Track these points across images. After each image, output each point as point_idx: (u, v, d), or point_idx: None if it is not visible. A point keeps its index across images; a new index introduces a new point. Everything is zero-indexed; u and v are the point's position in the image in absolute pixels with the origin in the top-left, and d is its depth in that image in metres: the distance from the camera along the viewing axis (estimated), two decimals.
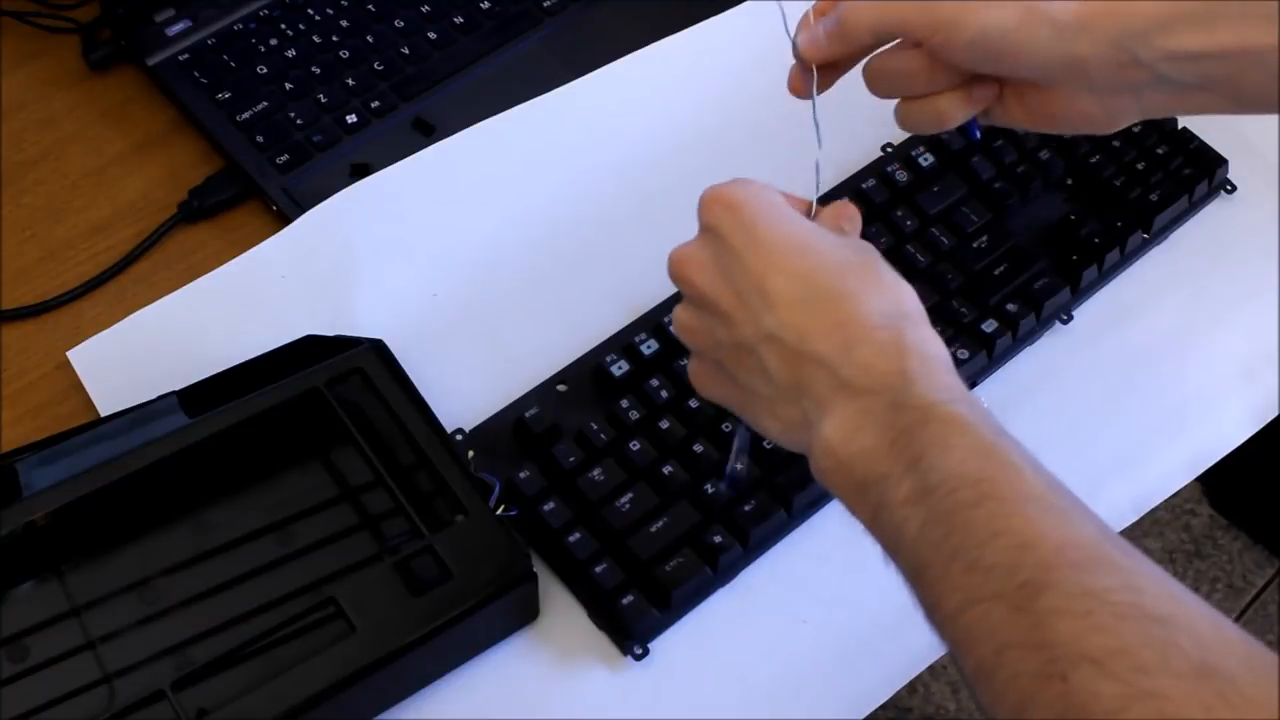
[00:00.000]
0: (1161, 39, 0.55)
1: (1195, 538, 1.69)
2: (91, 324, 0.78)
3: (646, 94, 0.88)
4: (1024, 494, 0.48)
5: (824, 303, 0.54)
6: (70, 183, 0.85)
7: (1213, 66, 0.55)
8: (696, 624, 0.69)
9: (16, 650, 0.63)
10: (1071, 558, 0.46)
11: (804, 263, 0.55)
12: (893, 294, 0.55)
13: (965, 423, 0.50)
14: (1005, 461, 0.49)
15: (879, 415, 0.52)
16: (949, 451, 0.49)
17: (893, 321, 0.53)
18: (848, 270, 0.55)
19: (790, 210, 0.58)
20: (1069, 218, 0.82)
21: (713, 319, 0.58)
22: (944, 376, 0.52)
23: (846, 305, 0.54)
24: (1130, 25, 0.55)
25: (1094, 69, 0.56)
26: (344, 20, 0.91)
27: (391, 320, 0.77)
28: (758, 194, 0.57)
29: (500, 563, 0.65)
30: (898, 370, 0.52)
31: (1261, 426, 0.79)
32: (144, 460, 0.66)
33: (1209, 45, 0.55)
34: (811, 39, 0.61)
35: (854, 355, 0.53)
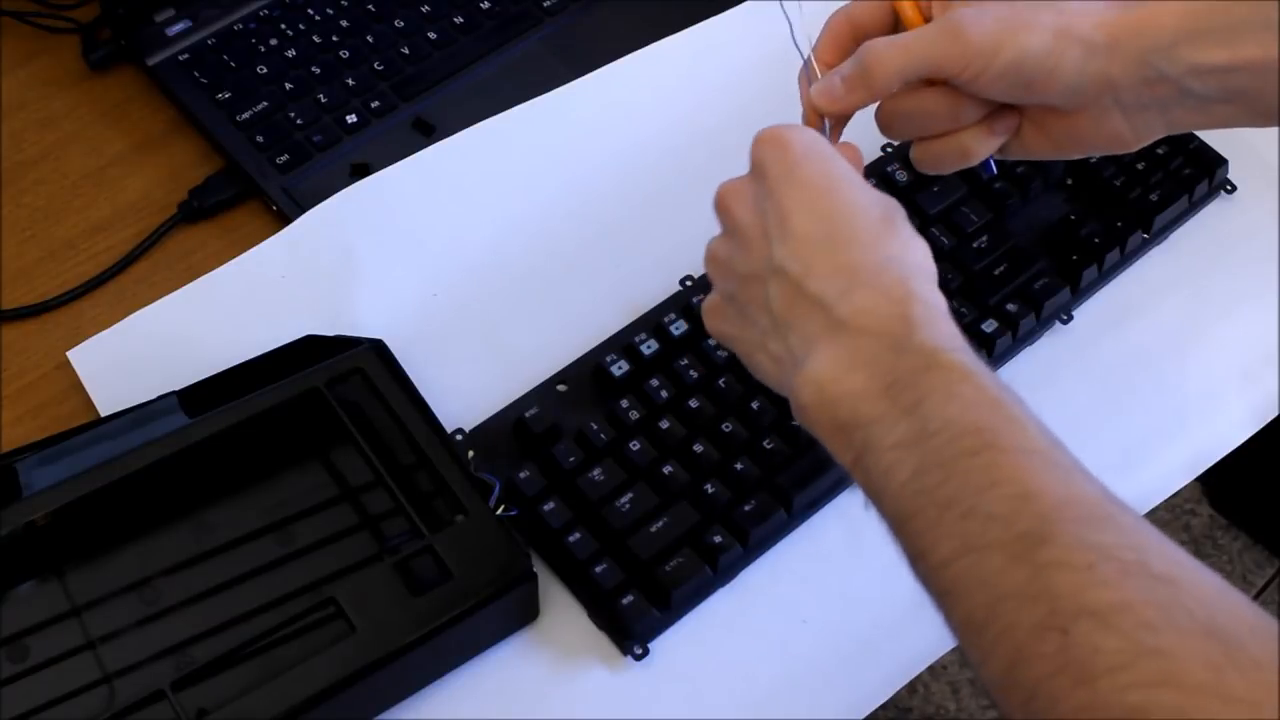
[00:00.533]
0: (1187, 53, 0.55)
1: (1195, 538, 1.69)
2: (91, 324, 0.78)
3: (646, 94, 0.88)
4: (1027, 447, 0.47)
5: (837, 243, 0.54)
6: (70, 183, 0.85)
7: (1238, 79, 0.56)
8: (696, 624, 0.69)
9: (16, 650, 0.63)
10: (1075, 513, 0.45)
11: (828, 203, 0.55)
12: (908, 247, 0.55)
13: (969, 371, 0.50)
14: (1009, 414, 0.48)
15: (875, 357, 0.51)
16: (951, 399, 0.49)
17: (901, 270, 0.53)
18: (869, 217, 0.55)
19: (837, 157, 0.57)
20: (1069, 218, 0.82)
21: (737, 248, 0.58)
22: (947, 325, 0.52)
23: (858, 249, 0.54)
24: (1157, 41, 0.56)
25: (1123, 87, 0.57)
26: (344, 20, 0.91)
27: (391, 320, 0.77)
28: (808, 138, 0.57)
29: (500, 563, 0.65)
30: (901, 315, 0.52)
31: (1261, 426, 0.79)
32: (144, 460, 0.66)
33: (1234, 59, 0.55)
34: (829, 91, 0.61)
35: (854, 296, 0.53)
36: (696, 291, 0.77)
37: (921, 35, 0.59)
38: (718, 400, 0.72)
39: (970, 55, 0.57)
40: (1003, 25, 0.57)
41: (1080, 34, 0.56)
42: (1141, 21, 0.56)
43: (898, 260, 0.54)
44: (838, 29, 0.63)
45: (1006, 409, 0.49)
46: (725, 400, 0.72)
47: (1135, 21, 0.56)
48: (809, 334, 0.54)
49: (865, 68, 0.59)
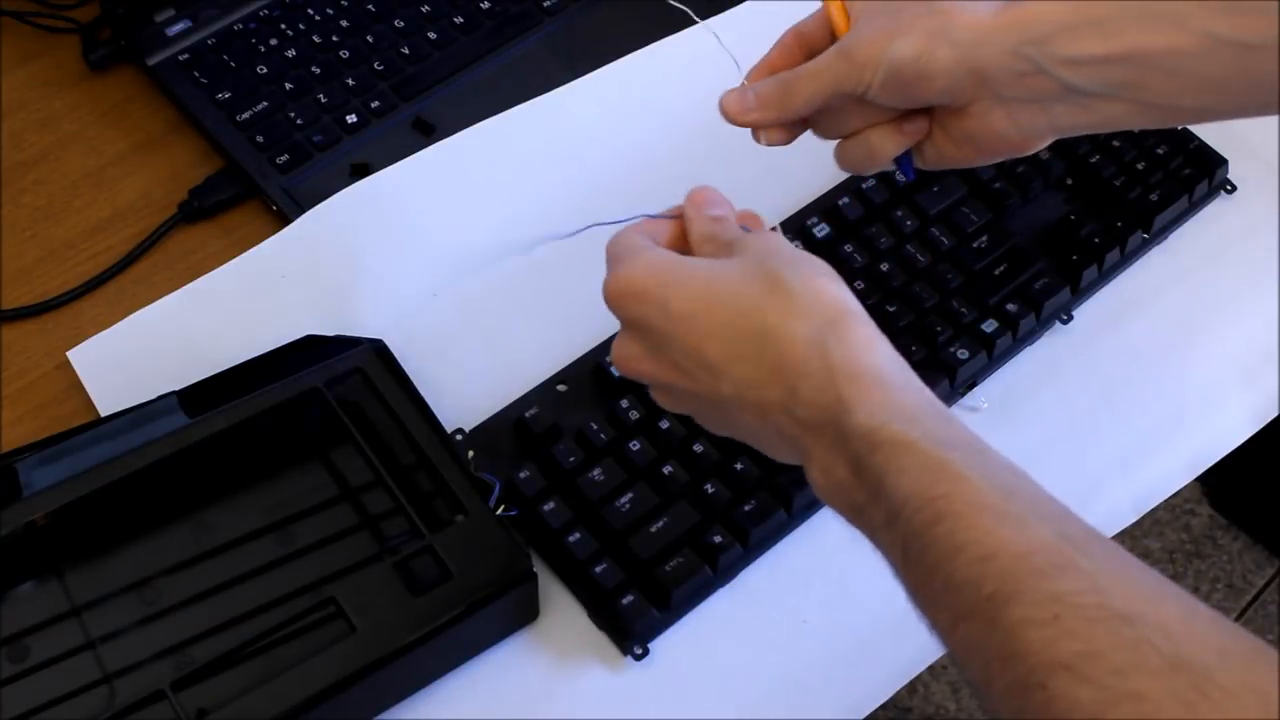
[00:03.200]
0: (1062, 45, 0.56)
1: (1195, 538, 1.69)
2: (91, 324, 0.78)
3: (646, 94, 0.88)
4: (978, 504, 0.48)
5: (757, 352, 0.54)
6: (70, 183, 0.85)
7: (1117, 72, 0.56)
8: (696, 624, 0.69)
9: (16, 650, 0.63)
10: (1033, 564, 0.46)
11: (721, 317, 0.54)
12: (808, 305, 0.54)
13: (908, 441, 0.50)
14: (955, 474, 0.49)
15: (838, 447, 0.52)
16: (901, 474, 0.49)
17: (818, 342, 0.52)
18: (760, 303, 0.54)
19: (685, 264, 0.57)
20: (1069, 218, 0.82)
21: (683, 394, 0.58)
22: (880, 394, 0.52)
23: (774, 345, 0.53)
24: (1029, 33, 0.56)
25: (997, 79, 0.58)
26: (344, 20, 0.91)
27: (391, 320, 0.77)
28: (651, 268, 0.57)
29: (500, 563, 0.65)
30: (834, 400, 0.52)
31: (1261, 426, 0.79)
32: (144, 460, 0.66)
33: (1109, 49, 0.55)
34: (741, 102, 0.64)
35: (799, 395, 0.53)
36: None
37: (823, 63, 0.61)
38: None
39: (859, 71, 0.59)
40: (880, 33, 0.59)
41: (949, 33, 0.57)
42: (1017, 18, 0.57)
43: (809, 332, 0.53)
44: (787, 42, 0.65)
45: (951, 469, 0.49)
46: None
47: (1011, 17, 0.57)
48: (794, 438, 0.54)
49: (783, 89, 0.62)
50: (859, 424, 0.51)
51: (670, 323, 0.55)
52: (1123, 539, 1.67)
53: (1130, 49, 0.55)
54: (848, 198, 0.81)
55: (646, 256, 0.57)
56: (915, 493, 0.49)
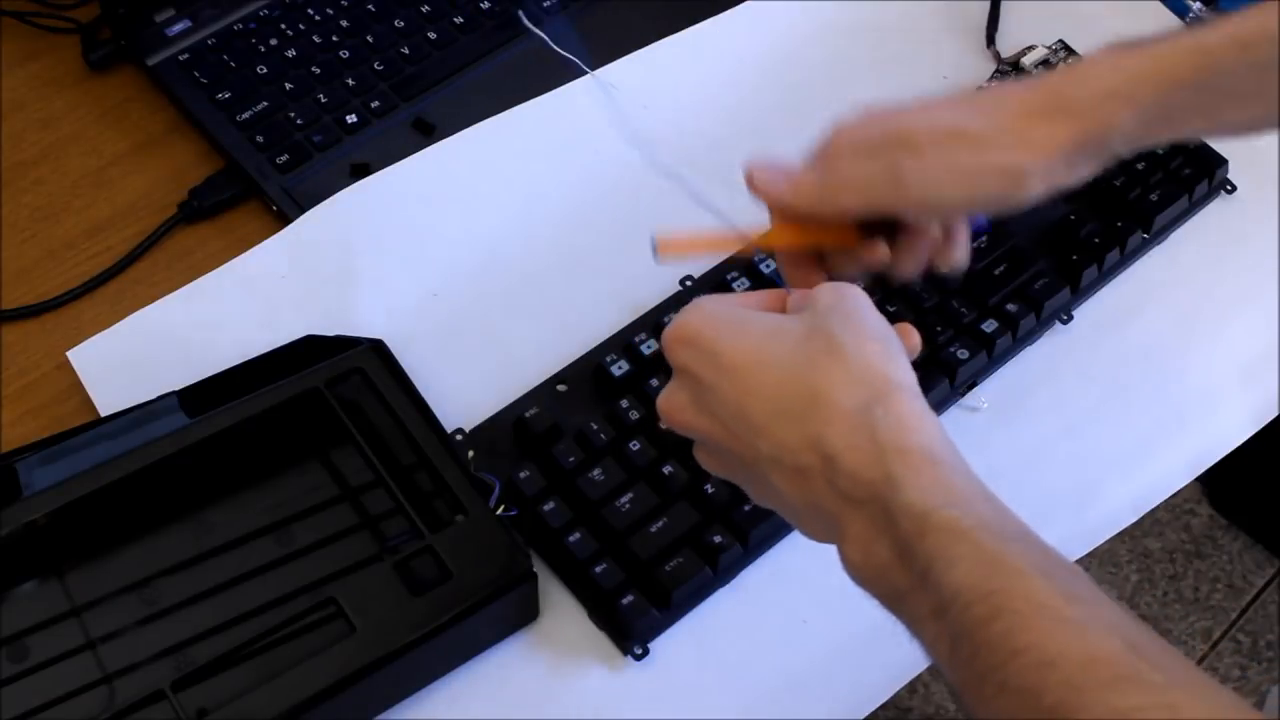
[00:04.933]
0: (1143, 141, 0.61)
1: (1195, 538, 1.69)
2: (91, 324, 0.78)
3: (646, 93, 0.88)
4: (1037, 603, 0.45)
5: (800, 414, 0.51)
6: (70, 183, 0.85)
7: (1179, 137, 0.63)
8: (696, 624, 0.69)
9: (16, 650, 0.63)
10: (1098, 676, 0.43)
11: (770, 376, 0.52)
12: (860, 372, 0.51)
13: (963, 529, 0.47)
14: (1013, 569, 0.46)
15: (881, 526, 0.49)
16: (953, 565, 0.46)
17: (866, 412, 0.50)
18: (810, 365, 0.52)
19: (746, 316, 0.55)
20: (1069, 218, 0.82)
21: (720, 451, 0.56)
22: (930, 472, 0.49)
23: (819, 411, 0.51)
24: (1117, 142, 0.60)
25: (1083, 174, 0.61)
26: (344, 20, 0.91)
27: (391, 320, 0.77)
28: (710, 318, 0.55)
29: (500, 563, 0.65)
30: (881, 476, 0.49)
31: (1261, 426, 0.79)
32: (144, 460, 0.66)
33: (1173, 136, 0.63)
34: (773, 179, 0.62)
35: (841, 465, 0.50)
36: (697, 291, 0.77)
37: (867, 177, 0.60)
38: None
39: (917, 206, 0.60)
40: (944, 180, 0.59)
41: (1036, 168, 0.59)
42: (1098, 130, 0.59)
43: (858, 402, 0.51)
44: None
45: (1009, 562, 0.46)
46: None
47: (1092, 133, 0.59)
48: (829, 511, 0.51)
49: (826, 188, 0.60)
50: (909, 504, 0.48)
51: (718, 373, 0.53)
52: (1123, 539, 1.67)
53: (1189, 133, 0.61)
54: None
55: (709, 306, 0.56)
56: (969, 586, 0.46)
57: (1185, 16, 0.94)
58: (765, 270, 0.77)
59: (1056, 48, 0.90)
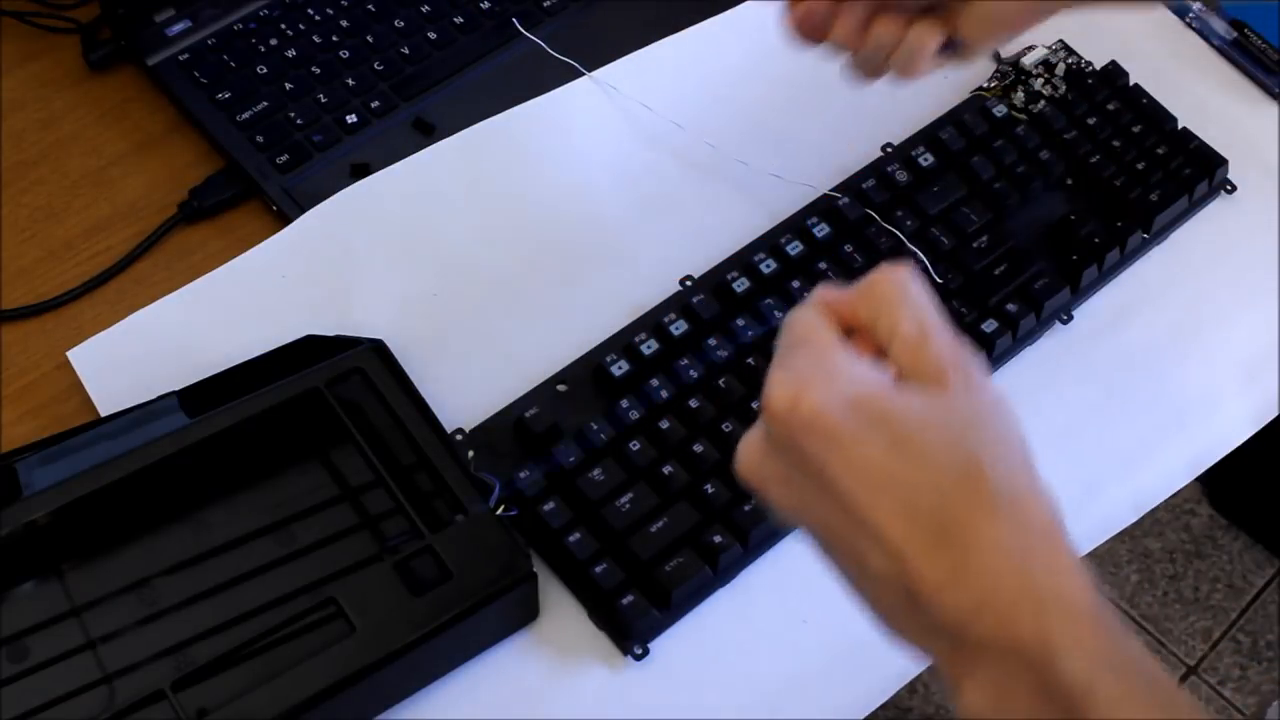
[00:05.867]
0: None
1: (1195, 538, 1.69)
2: (91, 324, 0.78)
3: (646, 93, 0.88)
4: None
5: (938, 538, 0.44)
6: (70, 183, 0.85)
7: None
8: (696, 624, 0.69)
9: (16, 650, 0.63)
10: None
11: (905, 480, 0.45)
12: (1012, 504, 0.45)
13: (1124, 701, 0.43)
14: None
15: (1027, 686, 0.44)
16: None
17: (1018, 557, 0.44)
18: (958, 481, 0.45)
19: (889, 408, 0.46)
20: (1069, 218, 0.82)
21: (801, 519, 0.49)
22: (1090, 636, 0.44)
23: (961, 540, 0.44)
24: None
25: None
26: (344, 20, 0.91)
27: (391, 320, 0.77)
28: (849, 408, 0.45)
29: (500, 563, 0.65)
30: (1039, 636, 0.43)
31: (1261, 426, 0.79)
32: (144, 460, 0.66)
33: None
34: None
35: (986, 613, 0.44)
36: (696, 291, 0.77)
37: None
38: (717, 400, 0.72)
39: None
40: None
41: None
42: None
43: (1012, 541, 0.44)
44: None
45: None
46: (725, 400, 0.72)
47: None
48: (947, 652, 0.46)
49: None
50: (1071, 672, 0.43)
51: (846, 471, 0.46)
52: (1123, 539, 1.67)
53: None
54: (847, 198, 0.81)
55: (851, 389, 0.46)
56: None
57: (1185, 17, 0.95)
58: (765, 270, 0.77)
59: (1056, 48, 0.90)
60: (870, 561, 0.46)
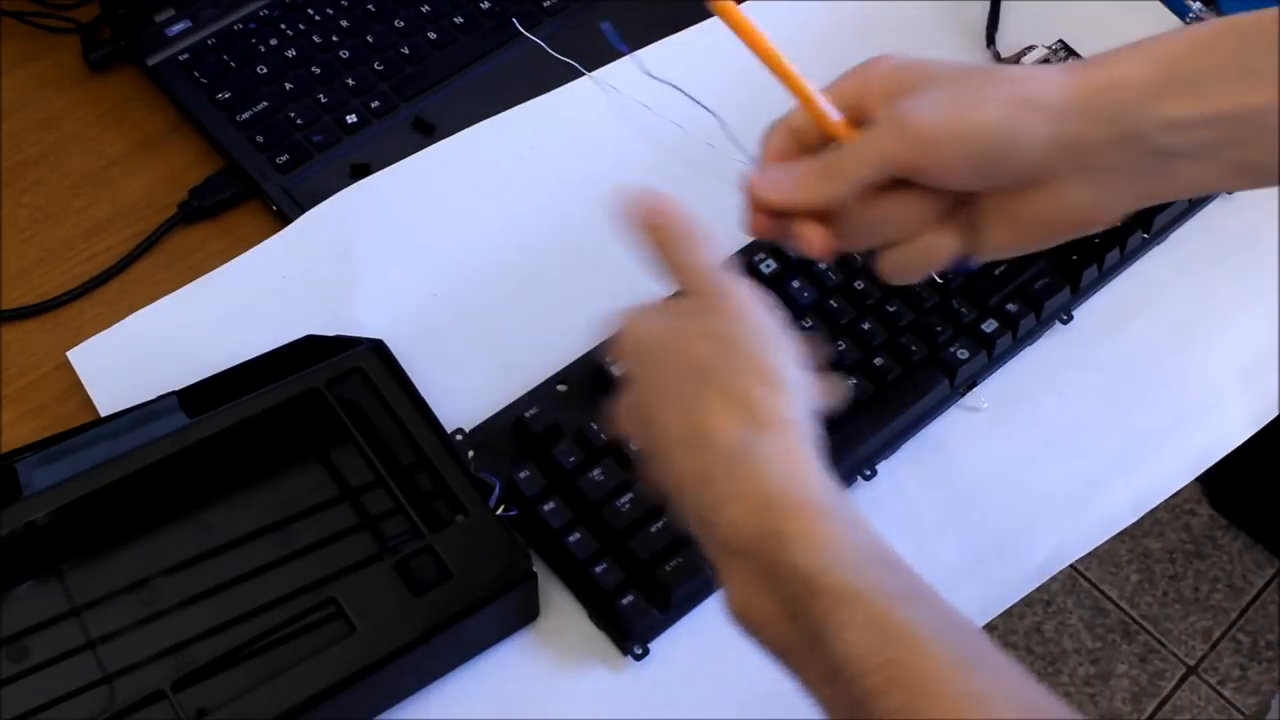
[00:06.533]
0: (1158, 107, 0.52)
1: (1195, 538, 1.69)
2: (91, 324, 0.78)
3: (646, 94, 0.87)
4: (934, 676, 0.43)
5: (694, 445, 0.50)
6: (70, 183, 0.85)
7: (1212, 132, 0.52)
8: (696, 624, 0.69)
9: (16, 650, 0.63)
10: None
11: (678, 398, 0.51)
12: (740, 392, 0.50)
13: (852, 591, 0.45)
14: (904, 636, 0.44)
15: (766, 580, 0.47)
16: (843, 629, 0.44)
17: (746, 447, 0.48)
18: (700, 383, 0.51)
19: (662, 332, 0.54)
20: None
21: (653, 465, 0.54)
22: (819, 528, 0.47)
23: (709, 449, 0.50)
24: (1125, 95, 0.52)
25: (1093, 149, 0.53)
26: (344, 20, 0.91)
27: (391, 320, 0.77)
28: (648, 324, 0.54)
29: (500, 563, 0.65)
30: (770, 531, 0.47)
31: (1261, 426, 0.79)
32: (144, 460, 0.66)
33: (1207, 109, 0.51)
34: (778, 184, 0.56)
35: (724, 513, 0.49)
36: None
37: (873, 136, 0.54)
38: None
39: (923, 145, 0.53)
40: (951, 108, 0.53)
41: (1041, 100, 0.52)
42: (1108, 79, 0.53)
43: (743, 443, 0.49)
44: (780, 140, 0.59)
45: (902, 630, 0.44)
46: None
47: (1101, 80, 0.53)
48: (712, 555, 0.50)
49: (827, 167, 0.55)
50: (796, 565, 0.46)
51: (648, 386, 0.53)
52: (1123, 539, 1.67)
53: (1231, 108, 0.51)
54: None
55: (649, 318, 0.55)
56: (861, 654, 0.44)
57: (1185, 17, 0.95)
58: (766, 270, 0.77)
59: (1056, 48, 0.90)
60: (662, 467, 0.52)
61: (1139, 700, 1.58)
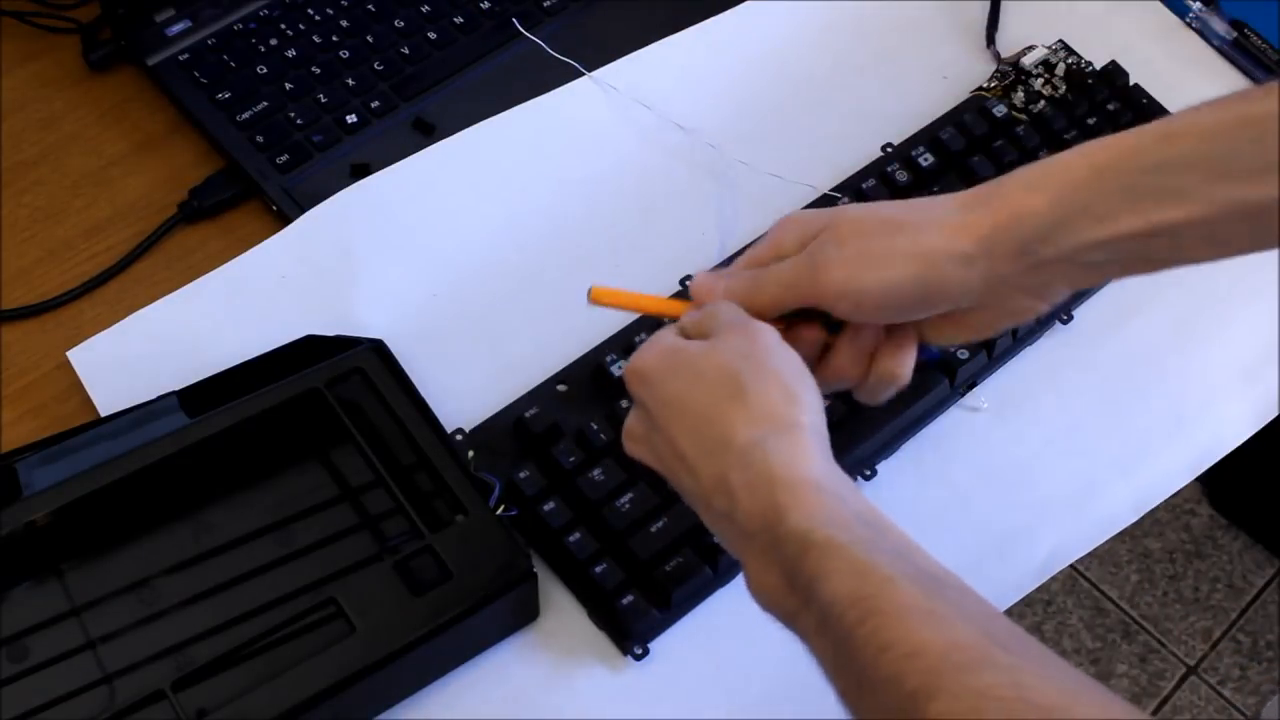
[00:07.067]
0: (1064, 236, 0.55)
1: (1195, 538, 1.69)
2: (91, 324, 0.78)
3: (646, 93, 0.88)
4: (904, 605, 0.48)
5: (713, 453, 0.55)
6: (70, 183, 0.85)
7: (1123, 248, 0.55)
8: (696, 624, 0.69)
9: (16, 650, 0.63)
10: (956, 660, 0.46)
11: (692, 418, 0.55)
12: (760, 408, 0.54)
13: (837, 544, 0.50)
14: (882, 577, 0.49)
15: (771, 554, 0.52)
16: (829, 577, 0.50)
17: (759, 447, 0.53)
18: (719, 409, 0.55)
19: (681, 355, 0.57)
20: None
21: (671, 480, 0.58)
22: (811, 501, 0.52)
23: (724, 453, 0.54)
24: (1032, 232, 0.55)
25: (1013, 278, 0.56)
26: (344, 20, 0.91)
27: (391, 320, 0.77)
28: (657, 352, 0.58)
29: (500, 563, 0.65)
30: (771, 505, 0.52)
31: (1261, 426, 0.79)
32: (144, 460, 0.66)
33: (1113, 233, 0.54)
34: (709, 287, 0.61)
35: (739, 504, 0.53)
36: None
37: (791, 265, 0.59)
38: None
39: (833, 295, 0.57)
40: (858, 265, 0.57)
41: (953, 251, 0.56)
42: (1009, 218, 0.56)
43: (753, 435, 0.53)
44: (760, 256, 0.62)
45: (877, 571, 0.49)
46: None
47: (1003, 220, 0.56)
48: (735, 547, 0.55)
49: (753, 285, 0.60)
50: (791, 529, 0.51)
51: (662, 410, 0.57)
52: (1123, 539, 1.67)
53: (1136, 229, 0.54)
54: (847, 198, 0.81)
55: (664, 341, 0.58)
56: (843, 595, 0.49)
57: (1185, 17, 0.95)
58: None
59: (1056, 47, 0.90)
60: (681, 479, 0.56)
61: (1139, 700, 1.58)
